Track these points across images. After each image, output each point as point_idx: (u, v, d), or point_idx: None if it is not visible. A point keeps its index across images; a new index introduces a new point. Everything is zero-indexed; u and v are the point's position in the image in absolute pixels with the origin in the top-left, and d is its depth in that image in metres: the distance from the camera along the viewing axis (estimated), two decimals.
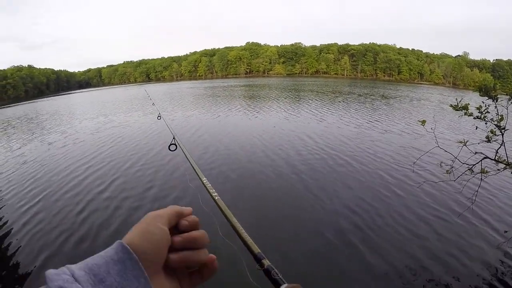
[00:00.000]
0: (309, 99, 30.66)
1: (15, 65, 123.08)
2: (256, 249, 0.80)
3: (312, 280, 4.62)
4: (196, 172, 1.63)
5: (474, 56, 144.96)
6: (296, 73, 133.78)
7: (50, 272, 0.40)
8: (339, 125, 16.33)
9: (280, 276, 0.63)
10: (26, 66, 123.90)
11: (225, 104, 27.49)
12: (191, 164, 1.87)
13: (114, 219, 6.68)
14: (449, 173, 4.61)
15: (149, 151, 12.04)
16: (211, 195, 1.30)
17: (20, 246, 5.88)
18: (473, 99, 4.09)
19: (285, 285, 0.58)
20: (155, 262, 0.50)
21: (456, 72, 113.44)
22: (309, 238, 5.66)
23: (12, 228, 6.66)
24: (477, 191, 5.06)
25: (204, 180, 1.47)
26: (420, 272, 4.75)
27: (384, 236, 5.70)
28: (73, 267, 0.42)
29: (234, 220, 1.01)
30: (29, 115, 31.22)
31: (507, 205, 7.13)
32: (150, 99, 9.86)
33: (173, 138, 2.84)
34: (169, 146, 2.86)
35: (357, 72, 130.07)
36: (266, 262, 0.70)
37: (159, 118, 5.18)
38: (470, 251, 5.26)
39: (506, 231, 5.51)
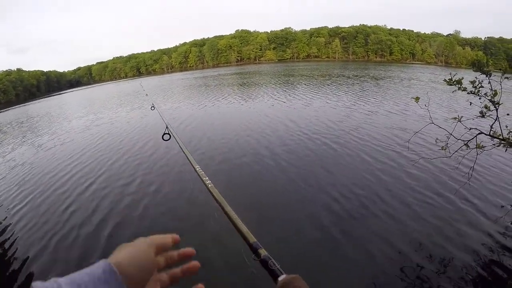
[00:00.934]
0: (298, 84, 30.47)
1: (4, 69, 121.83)
2: (252, 238, 0.76)
3: (310, 268, 4.62)
4: (189, 160, 1.59)
5: (466, 34, 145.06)
6: (287, 59, 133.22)
7: (37, 285, 0.41)
8: (327, 109, 16.26)
9: (278, 267, 0.61)
10: (15, 69, 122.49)
11: (215, 93, 27.24)
12: (184, 153, 1.84)
13: (104, 214, 6.68)
14: (445, 149, 4.60)
15: (143, 142, 12.05)
16: (204, 183, 1.27)
17: (10, 245, 5.94)
18: (466, 77, 4.03)
19: (283, 276, 0.55)
20: (140, 285, 0.51)
21: (448, 51, 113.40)
22: (304, 226, 5.64)
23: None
24: (473, 166, 5.06)
25: (197, 168, 1.43)
26: (419, 249, 4.79)
27: (382, 214, 5.72)
28: (61, 281, 0.43)
29: (229, 209, 0.98)
30: (20, 119, 30.77)
31: (502, 179, 7.17)
32: (144, 89, 9.80)
33: (166, 127, 2.80)
34: (162, 136, 2.83)
35: (348, 55, 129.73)
36: (263, 252, 0.67)
37: (152, 108, 5.14)
38: (469, 226, 5.30)
39: (503, 206, 5.55)
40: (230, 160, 9.30)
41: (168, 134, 2.81)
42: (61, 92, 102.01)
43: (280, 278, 0.54)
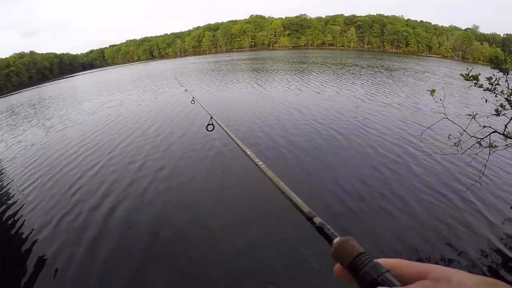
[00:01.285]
0: (311, 72, 30.22)
1: (17, 52, 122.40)
2: (306, 208, 0.83)
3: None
4: (239, 145, 1.63)
5: (484, 30, 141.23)
6: (301, 45, 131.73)
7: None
8: (345, 99, 16.14)
9: (332, 231, 0.65)
10: (28, 52, 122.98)
11: (230, 78, 27.37)
12: (232, 138, 1.87)
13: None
14: (457, 146, 4.56)
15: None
16: (256, 164, 1.32)
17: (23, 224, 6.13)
18: (482, 74, 3.96)
19: (338, 238, 0.60)
20: None
21: (465, 46, 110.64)
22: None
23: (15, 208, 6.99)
24: (485, 165, 5.02)
25: (248, 151, 1.48)
26: (429, 239, 4.82)
27: (392, 207, 5.73)
28: None
29: (282, 185, 1.04)
30: (32, 101, 31.27)
31: None
32: (181, 85, 9.70)
33: (211, 118, 2.84)
34: (206, 127, 2.88)
35: (364, 44, 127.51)
36: (318, 220, 0.73)
37: (193, 102, 5.09)
38: (474, 225, 5.27)
39: None
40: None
41: (212, 124, 2.87)
42: (74, 75, 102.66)
43: (335, 241, 0.59)
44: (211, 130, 2.84)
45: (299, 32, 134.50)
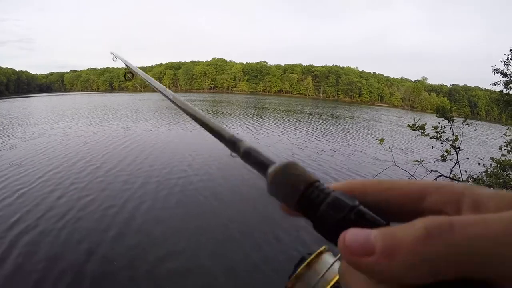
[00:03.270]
0: (264, 117, 30.96)
1: None
2: (227, 133, 0.51)
3: None
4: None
5: (432, 81, 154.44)
6: (259, 91, 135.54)
7: None
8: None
9: (266, 155, 0.40)
10: None
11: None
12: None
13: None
14: None
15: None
16: (165, 95, 1.18)
17: None
18: (429, 122, 4.22)
19: (275, 164, 0.36)
20: None
21: (414, 96, 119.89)
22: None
23: None
24: None
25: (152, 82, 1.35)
26: None
27: None
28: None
29: (194, 110, 0.81)
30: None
31: None
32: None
33: (126, 66, 2.66)
34: (124, 76, 2.72)
35: (319, 93, 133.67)
36: (243, 145, 0.44)
37: (114, 60, 4.81)
38: None
39: None
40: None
41: (131, 73, 2.70)
42: (30, 95, 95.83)
43: (271, 169, 0.36)
44: (129, 79, 2.71)
45: (258, 78, 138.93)
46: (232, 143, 0.50)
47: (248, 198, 8.28)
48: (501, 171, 4.90)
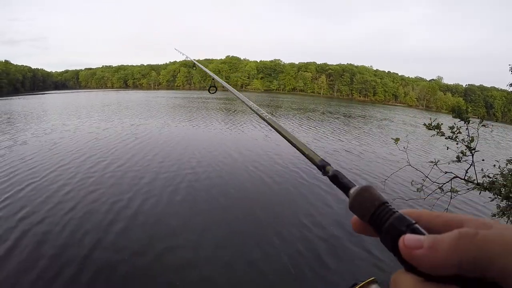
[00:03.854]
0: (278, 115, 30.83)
1: None
2: (317, 157, 0.72)
3: None
4: (243, 100, 1.51)
5: (448, 80, 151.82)
6: (273, 89, 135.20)
7: None
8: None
9: (348, 179, 0.56)
10: (3, 61, 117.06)
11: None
12: (236, 95, 1.74)
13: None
14: (420, 191, 4.65)
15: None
16: (262, 117, 1.20)
17: None
18: (445, 122, 4.15)
19: (356, 187, 0.50)
20: None
21: (429, 95, 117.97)
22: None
23: None
24: (446, 209, 5.14)
25: (251, 104, 1.36)
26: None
27: (350, 253, 5.70)
28: None
29: (291, 135, 0.92)
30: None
31: None
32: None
33: (212, 79, 2.72)
34: (208, 89, 2.76)
35: (333, 92, 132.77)
36: (330, 168, 0.62)
37: (194, 68, 4.92)
38: None
39: None
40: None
41: (214, 86, 2.75)
42: (45, 92, 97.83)
43: (352, 190, 0.50)
44: (213, 92, 2.75)
45: (272, 76, 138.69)
46: (322, 167, 0.66)
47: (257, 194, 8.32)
48: None
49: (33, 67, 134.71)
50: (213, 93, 2.76)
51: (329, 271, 5.22)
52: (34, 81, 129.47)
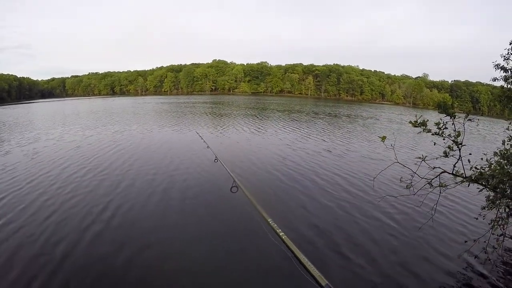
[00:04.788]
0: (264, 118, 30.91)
1: None
2: (323, 281, 0.67)
3: None
4: (263, 215, 1.49)
5: (434, 77, 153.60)
6: (261, 92, 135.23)
7: None
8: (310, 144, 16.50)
9: None
10: None
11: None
12: (256, 207, 1.73)
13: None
14: (409, 188, 4.68)
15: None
16: (278, 235, 1.17)
17: None
18: (432, 118, 4.17)
19: None
20: None
21: (416, 93, 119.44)
22: None
23: None
24: (436, 204, 5.21)
25: (270, 221, 1.33)
26: (386, 277, 4.89)
27: (348, 251, 5.71)
28: None
29: (302, 257, 0.87)
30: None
31: (465, 215, 7.60)
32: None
33: (234, 181, 2.71)
34: (230, 189, 2.75)
35: (320, 92, 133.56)
36: None
37: (216, 161, 4.96)
38: (432, 263, 5.47)
39: (466, 241, 5.65)
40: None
41: (236, 187, 2.75)
42: (32, 101, 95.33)
43: None
44: (235, 192, 2.75)
45: (259, 78, 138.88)
46: None
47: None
48: (505, 161, 4.89)
49: (19, 76, 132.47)
50: (235, 192, 2.78)
51: None
52: (21, 90, 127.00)
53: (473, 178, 4.49)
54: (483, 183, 4.65)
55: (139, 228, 6.60)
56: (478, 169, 4.68)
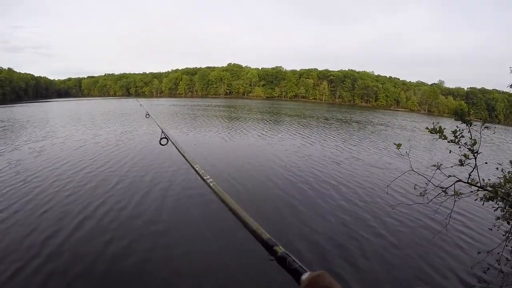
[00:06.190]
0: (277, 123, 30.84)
1: None
2: (265, 234, 0.64)
3: None
4: (187, 160, 1.51)
5: (449, 84, 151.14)
6: (275, 96, 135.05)
7: None
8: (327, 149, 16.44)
9: (299, 264, 0.50)
10: (6, 68, 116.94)
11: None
12: (182, 154, 1.76)
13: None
14: (423, 195, 4.63)
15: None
16: (205, 181, 1.17)
17: None
18: (447, 125, 4.14)
19: (307, 274, 0.45)
20: None
21: (431, 100, 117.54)
22: None
23: None
24: (450, 213, 5.13)
25: (197, 167, 1.34)
26: (401, 282, 4.80)
27: (358, 257, 5.68)
28: None
29: (235, 206, 0.84)
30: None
31: (479, 225, 7.49)
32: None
33: (162, 132, 2.73)
34: (160, 141, 2.77)
35: (335, 98, 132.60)
36: (280, 249, 0.55)
37: (147, 116, 5.09)
38: (444, 273, 5.37)
39: (479, 252, 5.56)
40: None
41: (166, 138, 2.75)
42: (48, 100, 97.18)
43: (304, 277, 0.44)
44: (164, 144, 2.76)
45: (273, 83, 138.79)
46: (269, 246, 0.59)
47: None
48: None
49: (36, 75, 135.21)
50: (164, 144, 2.78)
51: None
52: (37, 89, 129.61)
53: (487, 197, 4.47)
54: (498, 200, 4.60)
55: (131, 225, 6.76)
56: (492, 186, 4.61)
